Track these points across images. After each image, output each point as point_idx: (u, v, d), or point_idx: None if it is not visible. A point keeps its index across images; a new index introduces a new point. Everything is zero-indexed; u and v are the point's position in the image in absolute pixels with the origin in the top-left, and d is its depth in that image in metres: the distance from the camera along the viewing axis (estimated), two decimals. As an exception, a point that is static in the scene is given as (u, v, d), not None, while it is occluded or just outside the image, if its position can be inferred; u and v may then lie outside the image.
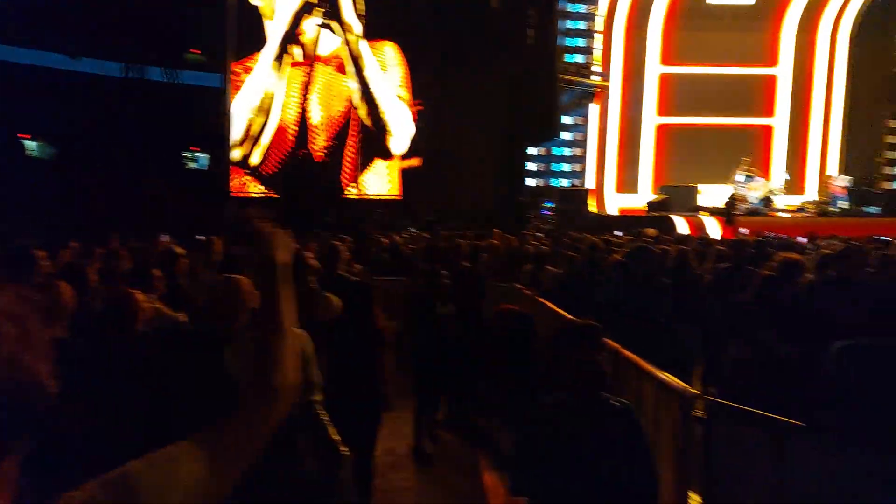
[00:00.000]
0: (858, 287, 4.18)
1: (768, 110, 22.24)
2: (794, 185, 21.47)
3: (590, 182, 20.99)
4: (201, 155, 15.66)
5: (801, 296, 3.97)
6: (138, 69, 15.08)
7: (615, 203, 21.23)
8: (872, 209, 18.75)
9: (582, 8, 20.55)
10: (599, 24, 20.70)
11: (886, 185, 21.46)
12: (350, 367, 3.30)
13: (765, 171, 21.14)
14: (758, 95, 22.10)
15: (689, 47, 21.37)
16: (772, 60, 22.00)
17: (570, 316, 3.91)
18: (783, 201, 19.68)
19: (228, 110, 15.89)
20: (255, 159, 16.13)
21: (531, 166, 20.17)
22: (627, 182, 21.57)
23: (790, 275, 3.79)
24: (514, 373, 3.76)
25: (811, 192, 21.37)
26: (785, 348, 3.36)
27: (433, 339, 4.46)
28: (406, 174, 16.12)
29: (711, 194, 19.33)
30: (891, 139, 21.76)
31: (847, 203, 19.02)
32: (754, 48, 21.81)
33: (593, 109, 21.22)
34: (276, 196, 15.52)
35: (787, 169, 21.47)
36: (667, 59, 21.43)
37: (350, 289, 3.63)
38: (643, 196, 20.64)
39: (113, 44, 14.46)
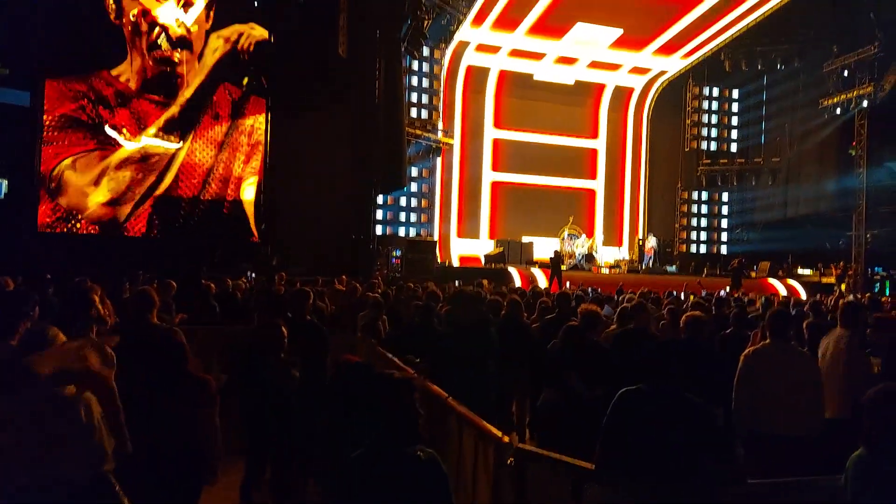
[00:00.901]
0: (649, 337, 4.86)
1: (591, 174, 24.89)
2: (613, 243, 24.16)
3: (436, 232, 21.90)
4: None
5: (603, 344, 4.53)
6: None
7: (458, 252, 22.38)
8: (671, 268, 21.61)
9: (426, 67, 21.71)
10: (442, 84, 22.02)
11: (682, 247, 24.97)
12: (161, 428, 3.00)
13: (589, 230, 23.56)
14: (582, 161, 24.73)
15: (520, 114, 23.50)
16: (593, 133, 24.85)
17: (401, 364, 4.10)
18: (602, 258, 21.98)
19: (40, 132, 14.18)
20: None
21: (380, 214, 20.68)
22: (469, 232, 22.82)
23: (591, 325, 4.32)
24: (351, 427, 3.59)
25: (625, 251, 24.09)
26: (588, 392, 3.82)
27: (267, 394, 3.96)
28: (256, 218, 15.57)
29: (544, 248, 21.06)
30: (684, 208, 25.43)
31: (652, 262, 21.70)
32: (578, 121, 24.57)
33: (438, 163, 22.33)
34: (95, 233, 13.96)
35: (604, 230, 24.10)
36: (499, 124, 23.37)
37: (158, 339, 3.36)
38: (483, 246, 22.11)
39: None
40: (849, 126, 20.83)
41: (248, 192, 15.01)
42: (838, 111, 21.28)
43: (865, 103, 20.10)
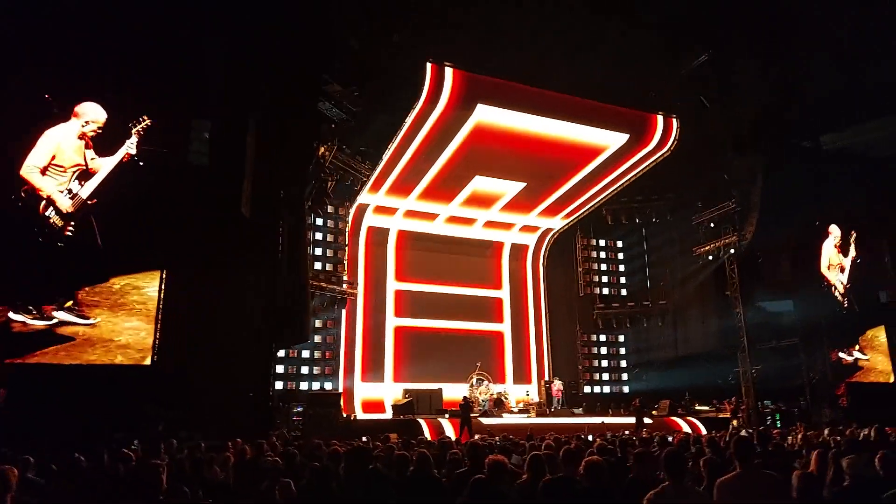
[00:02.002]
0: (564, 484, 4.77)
1: (498, 318, 25.68)
2: (523, 384, 24.39)
3: (340, 385, 21.23)
4: None
5: (511, 496, 4.40)
6: None
7: (362, 396, 21.84)
8: (578, 410, 21.91)
9: (331, 222, 22.37)
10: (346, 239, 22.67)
11: (587, 389, 25.60)
12: None
13: (499, 374, 23.76)
14: (488, 308, 25.51)
15: (423, 267, 24.46)
16: (497, 284, 26.09)
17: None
18: (513, 401, 21.96)
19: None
20: None
21: (281, 369, 19.94)
22: (374, 378, 22.45)
23: (498, 476, 4.22)
24: None
25: (534, 394, 24.25)
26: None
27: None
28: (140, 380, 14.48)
29: (453, 394, 20.78)
30: (584, 350, 26.42)
31: (560, 404, 21.94)
32: (482, 272, 25.92)
33: (343, 314, 22.22)
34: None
35: (514, 373, 24.38)
36: (401, 277, 24.15)
37: None
38: (388, 390, 21.81)
39: None
40: (721, 270, 23.02)
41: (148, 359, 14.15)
42: (711, 258, 23.65)
43: (732, 250, 22.46)
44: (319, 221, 22.07)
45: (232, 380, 14.53)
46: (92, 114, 14.46)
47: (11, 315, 13.41)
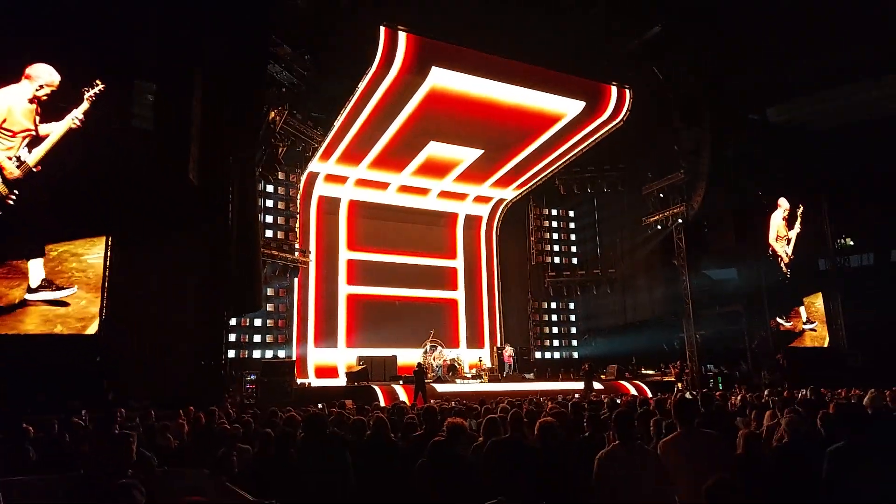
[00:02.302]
0: (514, 445, 4.90)
1: (453, 286, 25.85)
2: (476, 350, 24.78)
3: (294, 353, 21.09)
4: None
5: (469, 457, 4.50)
6: None
7: (315, 362, 21.76)
8: (529, 375, 22.43)
9: (282, 190, 21.90)
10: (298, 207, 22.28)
11: (538, 355, 26.19)
12: None
13: (452, 340, 24.03)
14: (442, 276, 25.67)
15: (377, 236, 24.34)
16: (451, 254, 26.11)
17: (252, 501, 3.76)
18: (466, 367, 22.30)
19: None
20: None
21: (233, 338, 19.62)
22: (327, 344, 22.39)
23: (456, 438, 4.30)
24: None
25: (487, 360, 24.66)
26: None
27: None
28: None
29: (407, 361, 20.92)
30: (536, 317, 26.95)
31: (512, 370, 22.39)
32: (437, 242, 25.91)
33: (296, 282, 21.95)
34: None
35: (467, 340, 24.72)
36: (354, 246, 23.96)
37: None
38: (341, 356, 21.86)
39: None
40: (669, 239, 23.70)
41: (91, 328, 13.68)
42: (659, 227, 24.31)
43: (680, 220, 23.12)
44: (270, 188, 21.53)
45: (182, 348, 14.26)
46: (46, 76, 13.70)
47: None
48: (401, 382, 18.42)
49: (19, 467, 5.19)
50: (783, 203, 24.01)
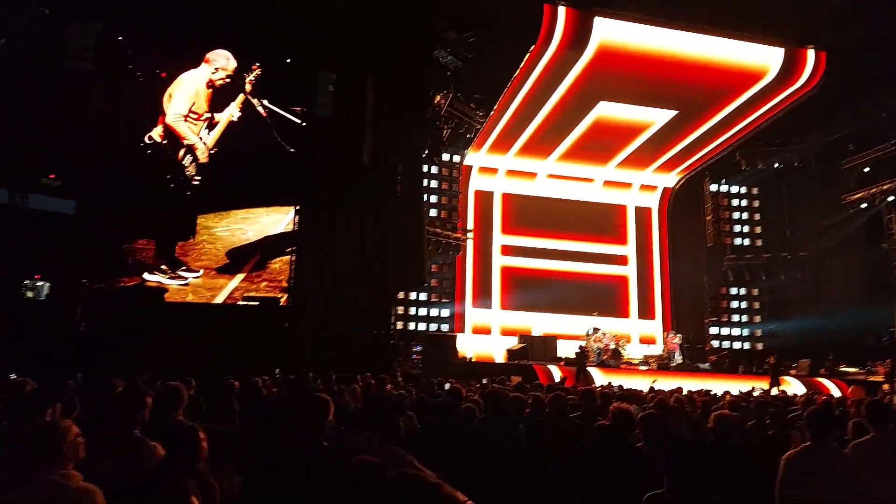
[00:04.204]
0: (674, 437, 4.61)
1: (622, 261, 24.95)
2: (645, 337, 23.73)
3: (460, 337, 21.71)
4: (41, 284, 14.55)
5: (636, 445, 4.29)
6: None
7: (474, 350, 22.09)
8: (704, 365, 20.89)
9: (445, 170, 22.63)
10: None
11: (715, 343, 24.30)
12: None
13: (620, 321, 23.32)
14: (610, 259, 24.79)
15: (541, 218, 23.92)
16: (622, 239, 25.13)
17: (419, 465, 3.91)
18: (630, 354, 21.40)
19: (82, 237, 15.08)
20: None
21: (401, 310, 20.80)
22: (482, 311, 22.93)
23: (623, 424, 4.12)
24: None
25: (655, 348, 23.48)
26: (620, 498, 3.58)
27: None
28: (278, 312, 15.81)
29: (568, 344, 20.61)
30: (712, 303, 24.95)
31: (680, 358, 21.05)
32: (607, 229, 24.88)
33: (468, 257, 22.70)
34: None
35: (636, 324, 23.75)
36: (508, 230, 23.86)
37: (178, 436, 3.11)
38: (500, 345, 21.92)
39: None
40: (876, 220, 20.67)
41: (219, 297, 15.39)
42: (864, 206, 21.27)
43: (891, 198, 20.04)
44: (435, 169, 22.30)
45: (356, 319, 15.36)
46: (223, 61, 15.27)
47: (146, 276, 14.91)
48: (563, 363, 18.20)
49: (225, 418, 5.91)
50: None
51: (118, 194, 15.25)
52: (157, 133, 15.00)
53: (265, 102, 15.60)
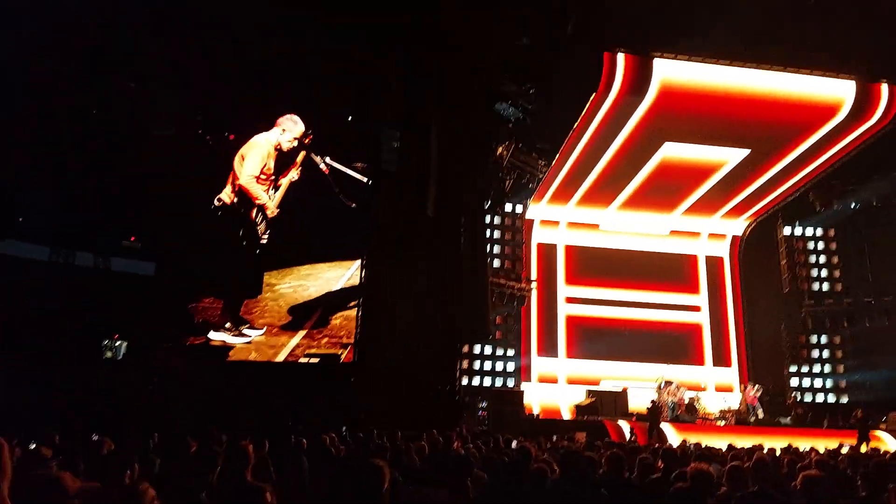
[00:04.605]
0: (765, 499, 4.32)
1: (695, 308, 24.23)
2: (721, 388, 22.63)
3: (525, 387, 21.31)
4: (119, 343, 15.33)
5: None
6: (66, 253, 15.33)
7: (540, 401, 21.59)
8: (785, 420, 19.66)
9: (508, 220, 22.73)
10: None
11: (795, 396, 22.86)
12: None
13: (694, 370, 22.42)
14: (683, 305, 24.12)
15: (609, 269, 23.51)
16: (694, 288, 24.47)
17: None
18: (706, 408, 20.37)
19: (160, 297, 15.90)
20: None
21: (465, 364, 20.64)
22: (549, 376, 22.38)
23: (703, 488, 3.92)
24: None
25: (732, 401, 22.29)
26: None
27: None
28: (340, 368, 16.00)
29: (640, 397, 19.85)
30: (791, 353, 23.59)
31: (761, 412, 19.87)
32: (675, 273, 24.28)
33: (524, 312, 22.41)
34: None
35: (712, 373, 22.73)
36: (571, 280, 23.52)
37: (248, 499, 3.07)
38: (566, 396, 21.39)
39: (41, 227, 14.83)
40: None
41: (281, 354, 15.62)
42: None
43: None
44: (498, 220, 22.44)
45: (421, 374, 15.34)
46: (291, 125, 15.99)
47: (212, 335, 15.43)
48: (634, 418, 17.51)
49: (295, 476, 5.98)
50: None
51: (194, 255, 16.02)
52: (226, 194, 15.70)
53: (327, 160, 16.15)
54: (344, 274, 16.63)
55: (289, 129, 15.93)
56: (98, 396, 12.63)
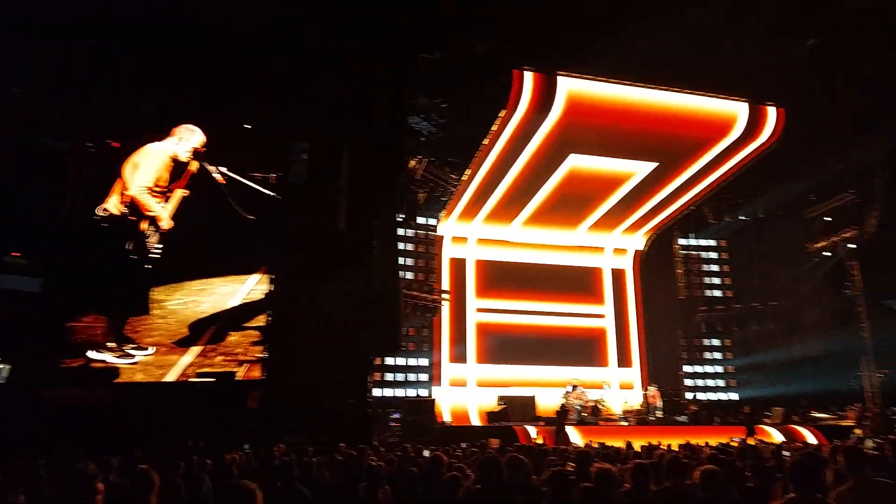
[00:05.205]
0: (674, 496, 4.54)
1: (600, 316, 25.15)
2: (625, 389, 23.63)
3: (436, 392, 21.39)
4: (2, 367, 14.07)
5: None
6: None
7: (450, 403, 21.70)
8: (681, 418, 20.88)
9: (421, 233, 22.74)
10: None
11: (689, 395, 24.31)
12: None
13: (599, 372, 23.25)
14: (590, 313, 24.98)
15: (517, 280, 24.05)
16: (599, 299, 25.41)
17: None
18: (610, 409, 21.27)
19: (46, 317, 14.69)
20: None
21: (378, 377, 20.43)
22: (459, 380, 22.58)
23: (607, 486, 4.07)
24: None
25: (634, 402, 23.35)
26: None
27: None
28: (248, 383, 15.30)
29: (548, 400, 20.40)
30: (686, 356, 25.09)
31: (660, 412, 20.98)
32: (582, 285, 25.12)
33: (437, 322, 22.48)
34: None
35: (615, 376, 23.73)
36: (481, 293, 23.78)
37: None
38: (475, 398, 21.78)
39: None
40: (839, 268, 21.30)
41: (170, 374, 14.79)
42: (828, 254, 21.93)
43: (853, 246, 20.73)
44: (411, 232, 22.44)
45: (332, 388, 15.08)
46: (190, 136, 15.16)
47: (92, 354, 14.38)
48: (543, 423, 17.97)
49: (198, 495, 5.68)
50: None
51: (79, 271, 14.86)
52: (113, 205, 14.67)
53: (223, 170, 15.35)
54: (240, 289, 15.70)
55: (186, 139, 15.08)
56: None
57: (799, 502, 3.68)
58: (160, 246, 14.94)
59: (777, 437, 17.12)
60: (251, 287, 15.73)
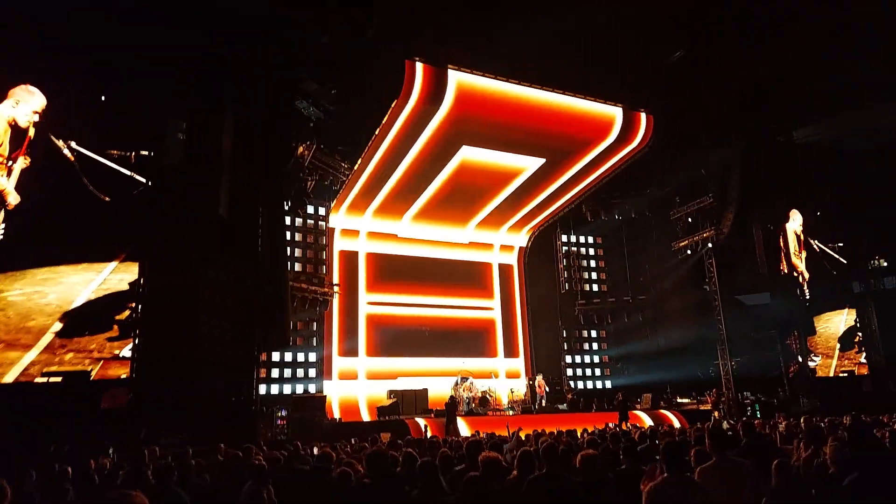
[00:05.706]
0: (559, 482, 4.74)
1: (489, 308, 25.81)
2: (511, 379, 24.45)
3: (326, 387, 20.96)
4: None
5: (507, 494, 4.35)
6: None
7: (340, 396, 21.47)
8: (562, 406, 22.00)
9: (310, 222, 22.05)
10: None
11: (569, 384, 25.66)
12: None
13: (488, 365, 23.86)
14: (479, 316, 25.51)
15: (410, 274, 24.12)
16: (489, 293, 26.11)
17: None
18: (499, 399, 21.97)
19: None
20: None
21: (264, 373, 19.64)
22: (349, 371, 22.28)
23: (493, 473, 4.16)
24: None
25: (519, 391, 24.22)
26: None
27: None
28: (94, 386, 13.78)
29: (439, 391, 20.68)
30: (566, 346, 26.44)
31: (545, 401, 21.97)
32: (472, 279, 25.66)
33: (327, 316, 21.96)
34: None
35: (504, 368, 24.46)
36: (372, 287, 23.57)
37: None
38: (365, 391, 21.70)
39: None
40: (699, 265, 23.29)
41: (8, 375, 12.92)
42: (689, 252, 23.92)
43: (710, 245, 22.74)
44: (299, 221, 21.72)
45: (214, 384, 14.28)
46: (29, 98, 13.20)
47: None
48: (433, 415, 18.17)
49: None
50: (795, 215, 23.50)
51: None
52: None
53: (72, 144, 13.75)
54: (95, 279, 13.84)
55: (24, 101, 13.25)
56: None
57: (671, 481, 3.95)
58: (1, 226, 13.15)
59: (647, 421, 18.45)
60: (106, 276, 13.81)
